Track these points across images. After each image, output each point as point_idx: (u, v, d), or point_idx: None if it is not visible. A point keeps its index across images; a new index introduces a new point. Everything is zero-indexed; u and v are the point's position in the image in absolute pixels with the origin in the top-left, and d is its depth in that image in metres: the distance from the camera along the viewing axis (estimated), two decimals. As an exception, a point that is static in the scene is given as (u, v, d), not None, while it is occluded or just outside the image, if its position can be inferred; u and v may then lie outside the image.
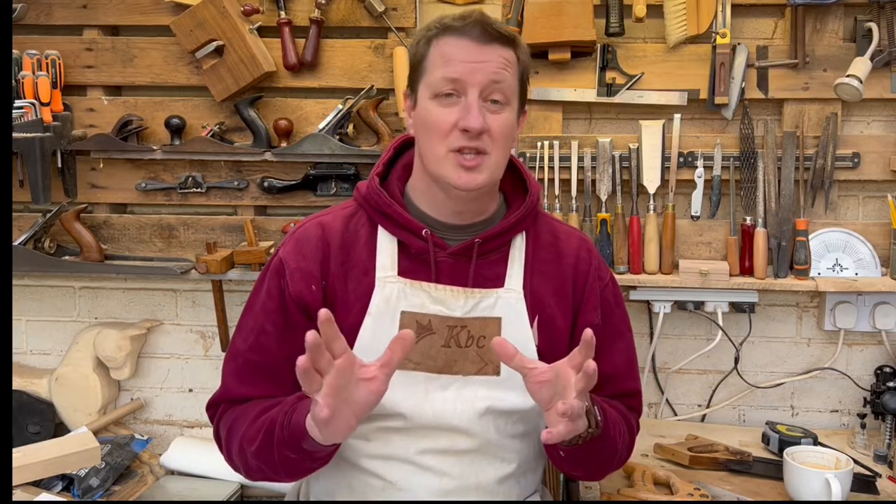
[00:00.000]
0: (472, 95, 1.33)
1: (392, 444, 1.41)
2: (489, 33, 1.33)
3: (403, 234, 1.42)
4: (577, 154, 2.10)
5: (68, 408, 2.23)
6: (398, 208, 1.42)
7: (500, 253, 1.45)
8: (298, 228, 1.48)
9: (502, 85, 1.34)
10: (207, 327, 2.31)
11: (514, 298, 1.43)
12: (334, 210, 1.51)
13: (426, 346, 1.40)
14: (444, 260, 1.42)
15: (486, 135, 1.33)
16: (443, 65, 1.34)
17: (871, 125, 2.14)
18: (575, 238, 1.53)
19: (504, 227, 1.44)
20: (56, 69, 2.11)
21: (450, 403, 1.40)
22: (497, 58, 1.34)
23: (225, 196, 2.20)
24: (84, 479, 1.98)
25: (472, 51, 1.33)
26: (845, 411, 2.23)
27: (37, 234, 2.15)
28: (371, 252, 1.43)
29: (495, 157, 1.36)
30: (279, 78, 2.15)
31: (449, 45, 1.34)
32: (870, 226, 2.11)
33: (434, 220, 1.44)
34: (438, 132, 1.34)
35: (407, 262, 1.42)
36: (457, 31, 1.34)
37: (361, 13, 2.11)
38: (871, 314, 2.13)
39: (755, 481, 1.83)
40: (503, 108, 1.36)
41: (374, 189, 1.44)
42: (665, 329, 2.20)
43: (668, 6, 2.05)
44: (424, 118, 1.37)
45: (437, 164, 1.36)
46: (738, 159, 2.09)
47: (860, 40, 2.04)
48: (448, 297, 1.41)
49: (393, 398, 1.36)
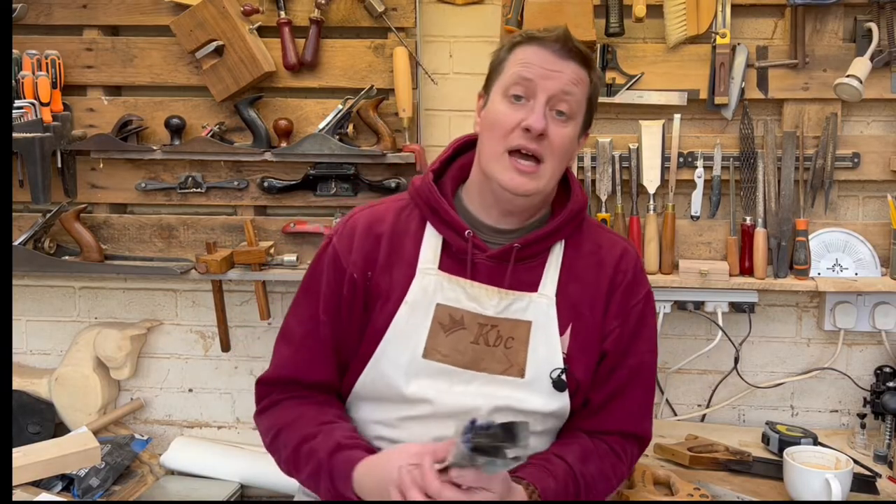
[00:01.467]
0: (541, 100, 1.38)
1: (412, 431, 1.44)
2: (569, 49, 1.39)
3: (447, 232, 1.46)
4: (577, 154, 2.10)
5: (68, 408, 2.23)
6: (445, 205, 1.46)
7: (538, 259, 1.48)
8: (350, 218, 1.53)
9: (571, 98, 1.39)
10: (207, 327, 2.31)
11: (546, 304, 1.45)
12: (387, 201, 1.56)
13: (456, 340, 1.43)
14: (482, 261, 1.45)
15: (546, 141, 1.38)
16: (519, 66, 1.40)
17: (871, 125, 2.14)
18: (618, 248, 1.53)
19: (543, 233, 1.47)
20: (56, 69, 2.11)
21: (470, 397, 1.42)
22: (571, 72, 1.39)
23: (225, 196, 2.20)
24: (84, 479, 1.98)
25: (550, 60, 1.39)
26: (845, 411, 2.23)
27: (37, 234, 2.15)
28: (417, 245, 1.48)
29: (550, 166, 1.40)
30: (279, 78, 2.15)
31: (529, 52, 1.40)
32: (870, 226, 2.11)
33: (480, 223, 1.48)
34: (501, 129, 1.39)
35: (448, 259, 1.47)
36: (539, 41, 1.40)
37: (361, 13, 2.11)
38: (870, 314, 2.13)
39: (755, 481, 1.83)
40: (568, 121, 1.40)
41: (426, 184, 1.48)
42: (665, 329, 2.20)
43: (667, 6, 2.05)
44: (491, 115, 1.42)
45: (493, 162, 1.40)
46: (737, 159, 2.09)
47: (860, 40, 2.04)
48: (482, 294, 1.44)
49: (419, 385, 1.42)
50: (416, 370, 1.42)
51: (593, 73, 1.45)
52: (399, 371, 1.43)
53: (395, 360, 1.43)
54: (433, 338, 1.43)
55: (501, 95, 1.41)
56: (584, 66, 1.42)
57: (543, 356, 1.44)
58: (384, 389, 1.44)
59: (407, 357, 1.43)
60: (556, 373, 1.43)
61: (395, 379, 1.43)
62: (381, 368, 1.44)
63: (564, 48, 1.39)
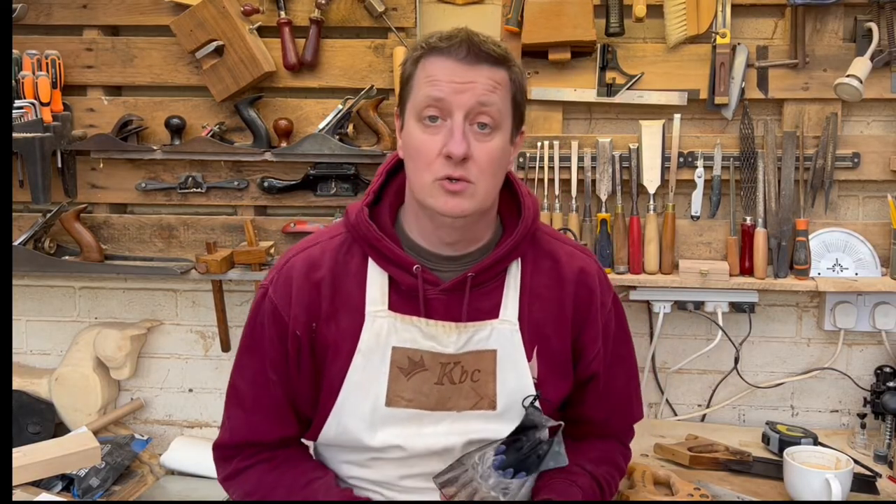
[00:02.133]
0: (458, 118, 1.26)
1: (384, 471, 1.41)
2: (476, 54, 1.27)
3: (393, 270, 1.36)
4: (577, 154, 2.10)
5: (68, 408, 2.23)
6: (387, 243, 1.35)
7: (495, 282, 1.39)
8: (285, 264, 1.41)
9: (490, 108, 1.27)
10: (207, 327, 2.31)
11: (510, 330, 1.38)
12: (322, 239, 1.43)
13: (419, 382, 1.36)
14: (436, 296, 1.36)
15: (470, 162, 1.27)
16: (427, 85, 1.28)
17: (871, 125, 2.14)
18: (577, 260, 1.45)
19: (497, 256, 1.37)
20: (56, 69, 2.11)
21: (442, 437, 1.38)
22: (485, 79, 1.27)
23: (225, 196, 2.20)
24: (84, 479, 1.98)
25: (458, 71, 1.26)
26: (845, 411, 2.22)
27: (37, 234, 2.15)
28: (361, 286, 1.37)
29: (483, 185, 1.29)
30: (279, 78, 2.15)
31: (434, 66, 1.28)
32: (870, 226, 2.11)
33: (426, 252, 1.38)
34: (423, 159, 1.28)
35: (397, 296, 1.37)
36: (443, 52, 1.27)
37: (361, 13, 2.11)
38: (871, 314, 2.13)
39: (755, 481, 1.83)
40: (492, 133, 1.29)
41: (363, 221, 1.36)
42: (665, 329, 2.20)
43: (668, 6, 2.04)
44: (409, 143, 1.31)
45: (424, 193, 1.30)
46: (738, 159, 2.09)
47: (860, 40, 2.04)
48: (440, 332, 1.36)
49: (385, 435, 1.37)
50: (382, 419, 1.36)
51: (512, 70, 1.31)
52: (363, 424, 1.36)
53: (356, 412, 1.36)
54: (394, 383, 1.35)
55: (416, 120, 1.29)
56: (499, 66, 1.29)
57: (514, 385, 1.38)
58: (349, 441, 1.39)
59: (368, 407, 1.36)
60: (529, 400, 1.37)
61: (358, 432, 1.37)
62: (343, 422, 1.38)
63: (471, 54, 1.26)
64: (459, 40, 1.27)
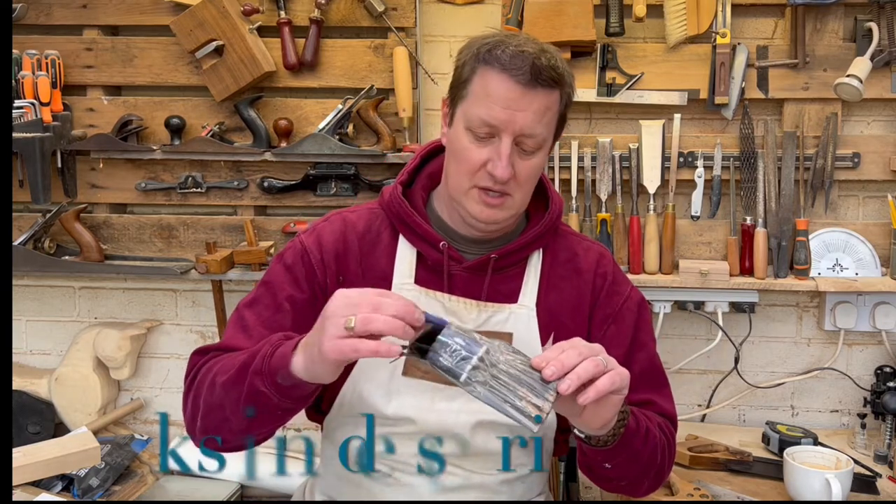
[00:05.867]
0: (506, 142, 1.32)
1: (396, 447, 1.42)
2: (536, 77, 1.30)
3: (422, 245, 1.43)
4: (577, 154, 2.10)
5: (68, 408, 2.23)
6: (418, 219, 1.42)
7: (516, 268, 1.46)
8: (322, 221, 1.48)
9: (536, 138, 1.34)
10: (207, 327, 2.31)
11: (526, 315, 1.43)
12: (360, 208, 1.52)
13: None
14: (459, 273, 1.43)
15: (512, 180, 1.34)
16: (484, 100, 1.31)
17: (871, 125, 2.14)
18: (594, 253, 1.51)
19: (521, 243, 1.44)
20: (56, 69, 2.11)
21: (453, 414, 1.40)
22: (538, 105, 1.32)
23: (225, 196, 2.20)
24: (84, 479, 1.98)
25: (516, 94, 1.30)
26: (845, 411, 2.22)
27: (37, 234, 2.15)
28: (391, 258, 1.44)
29: (519, 197, 1.38)
30: (279, 78, 2.15)
31: (493, 82, 1.31)
32: (870, 226, 2.11)
33: (455, 233, 1.45)
34: (467, 165, 1.34)
35: (424, 272, 1.44)
36: (505, 69, 1.30)
37: (361, 13, 2.11)
38: (871, 314, 2.13)
39: (755, 481, 1.83)
40: (535, 153, 1.36)
41: (396, 198, 1.44)
42: (665, 329, 2.20)
43: (668, 6, 2.04)
44: (456, 146, 1.36)
45: (460, 195, 1.37)
46: (738, 159, 2.09)
47: (860, 40, 2.04)
48: (461, 308, 1.42)
49: (399, 404, 1.39)
50: (397, 388, 1.40)
51: (564, 89, 1.36)
52: (380, 390, 1.40)
53: (374, 377, 1.40)
54: None
55: (465, 127, 1.34)
56: (554, 88, 1.33)
57: None
58: (364, 408, 1.41)
59: (386, 374, 1.40)
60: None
61: (373, 398, 1.40)
62: (359, 388, 1.41)
63: (532, 78, 1.29)
64: (528, 65, 1.29)
